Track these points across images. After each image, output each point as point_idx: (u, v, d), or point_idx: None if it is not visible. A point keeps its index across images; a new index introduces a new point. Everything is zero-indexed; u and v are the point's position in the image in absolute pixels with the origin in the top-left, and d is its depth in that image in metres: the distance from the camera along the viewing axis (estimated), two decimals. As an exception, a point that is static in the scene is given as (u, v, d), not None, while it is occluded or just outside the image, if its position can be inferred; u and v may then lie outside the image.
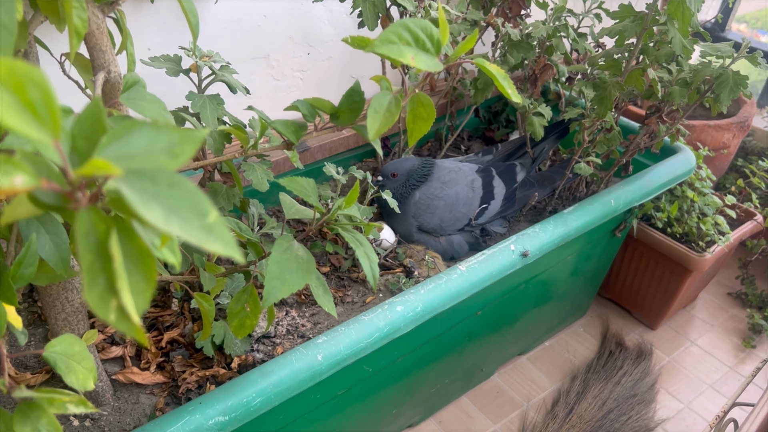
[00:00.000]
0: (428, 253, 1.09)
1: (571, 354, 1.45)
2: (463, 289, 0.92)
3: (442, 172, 1.09)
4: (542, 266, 1.13)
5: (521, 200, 1.13)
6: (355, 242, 0.58)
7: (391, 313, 0.86)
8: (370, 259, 0.58)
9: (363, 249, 0.58)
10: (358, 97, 0.58)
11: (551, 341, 1.49)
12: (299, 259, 0.57)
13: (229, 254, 0.30)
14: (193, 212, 0.30)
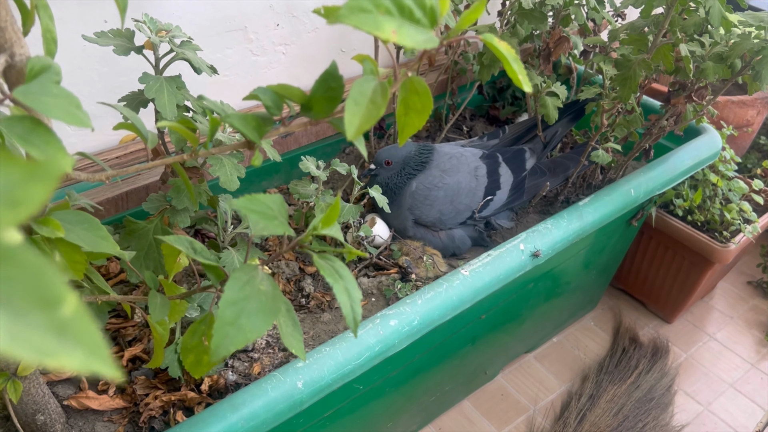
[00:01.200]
0: (426, 250, 0.99)
1: (581, 351, 1.37)
2: (467, 296, 0.83)
3: (442, 159, 1.00)
4: (553, 263, 1.05)
5: (531, 190, 1.03)
6: (332, 274, 0.46)
7: (384, 328, 0.76)
8: (351, 297, 0.46)
9: (343, 284, 0.46)
10: (335, 82, 0.45)
11: (559, 337, 1.41)
12: (262, 295, 0.45)
13: (95, 369, 0.19)
14: (35, 301, 0.18)
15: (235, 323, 0.44)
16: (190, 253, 0.51)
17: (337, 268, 0.47)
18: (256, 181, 1.10)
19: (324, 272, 0.46)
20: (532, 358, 1.35)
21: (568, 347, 1.37)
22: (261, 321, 0.44)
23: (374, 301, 0.92)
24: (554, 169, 1.04)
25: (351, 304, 0.46)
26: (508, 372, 1.31)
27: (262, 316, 0.44)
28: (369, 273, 0.97)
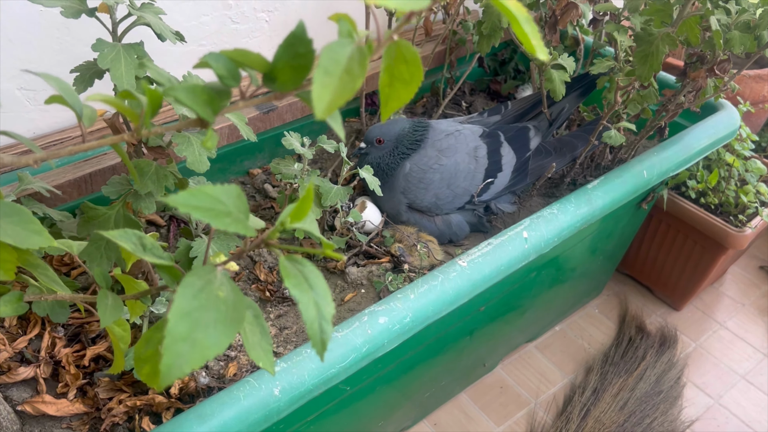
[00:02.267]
0: (421, 236, 0.94)
1: (585, 340, 1.31)
2: (464, 290, 0.77)
3: (439, 137, 0.95)
4: (558, 250, 0.99)
5: (535, 172, 0.98)
6: (300, 284, 0.38)
7: (372, 326, 0.69)
8: (321, 313, 0.39)
9: (311, 297, 0.38)
10: (303, 47, 0.37)
11: (562, 325, 1.35)
12: (221, 303, 0.38)
13: None
14: None
15: (189, 338, 0.37)
16: (137, 251, 0.44)
17: (307, 274, 0.40)
18: (236, 161, 1.03)
19: (289, 281, 0.38)
20: (533, 348, 1.29)
21: (572, 336, 1.32)
22: (221, 334, 0.37)
23: (364, 293, 0.87)
24: (561, 148, 0.98)
25: (319, 322, 0.38)
26: (508, 363, 1.26)
27: (222, 327, 0.37)
28: (359, 262, 0.92)
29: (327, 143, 0.84)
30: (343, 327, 0.69)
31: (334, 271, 0.90)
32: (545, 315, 1.24)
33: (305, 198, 0.41)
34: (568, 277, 1.16)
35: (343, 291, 0.88)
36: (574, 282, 1.22)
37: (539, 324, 1.26)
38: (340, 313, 0.84)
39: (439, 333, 0.89)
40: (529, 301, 1.09)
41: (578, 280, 1.23)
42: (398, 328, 0.71)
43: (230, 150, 1.01)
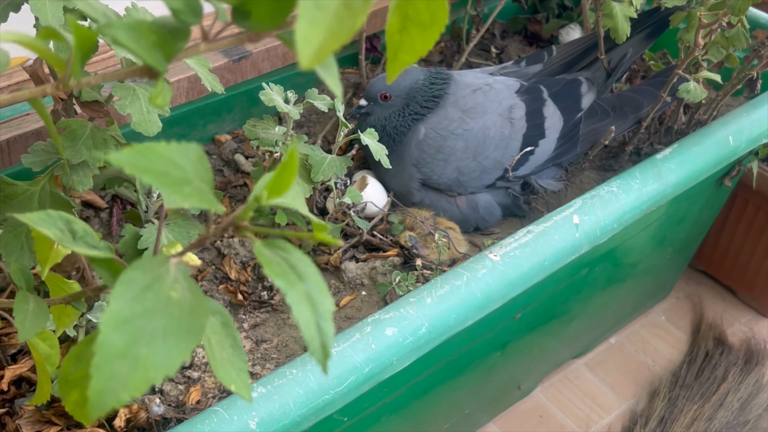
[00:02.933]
0: (439, 222, 0.93)
1: (648, 356, 1.31)
2: (496, 292, 0.76)
3: (463, 93, 0.94)
4: (616, 240, 0.97)
5: (588, 138, 0.96)
6: (285, 274, 0.37)
7: (377, 339, 0.69)
8: (317, 310, 0.37)
9: (303, 288, 0.37)
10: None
11: (619, 337, 1.35)
12: (174, 307, 0.36)
13: None
14: None
15: (127, 354, 0.35)
16: (64, 241, 0.41)
17: (294, 262, 0.38)
18: (198, 125, 1.02)
19: (271, 270, 0.36)
20: (582, 365, 1.29)
21: (631, 351, 1.32)
22: (172, 348, 0.35)
23: (365, 296, 0.86)
24: (621, 107, 0.97)
25: (317, 322, 0.37)
26: (550, 385, 1.25)
27: (174, 339, 0.35)
28: (358, 255, 0.91)
29: (318, 99, 0.82)
30: (339, 340, 0.67)
31: (326, 267, 0.89)
32: (598, 323, 1.24)
33: (287, 164, 0.39)
34: (627, 275, 1.16)
35: (338, 293, 0.87)
36: (636, 281, 1.21)
37: (590, 335, 1.26)
38: (335, 322, 0.81)
39: (462, 347, 0.88)
40: (577, 305, 1.09)
41: (640, 279, 1.22)
42: (411, 342, 0.70)
43: (190, 110, 1.00)
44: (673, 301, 1.41)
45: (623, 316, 1.32)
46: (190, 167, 0.36)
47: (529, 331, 1.01)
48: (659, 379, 1.25)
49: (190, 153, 0.36)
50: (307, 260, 0.39)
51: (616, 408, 1.23)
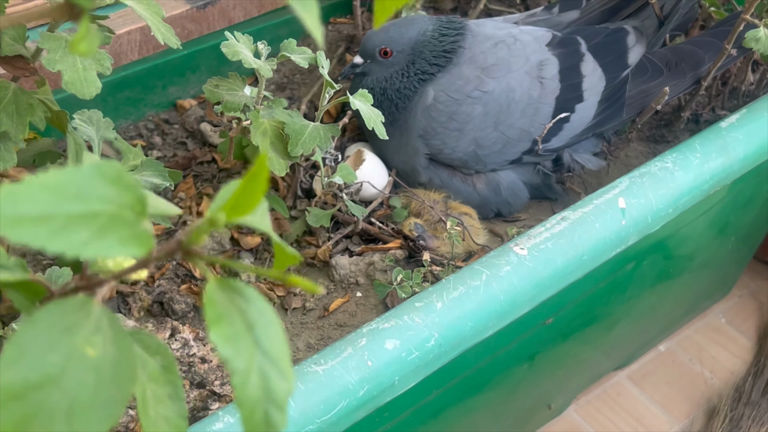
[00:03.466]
0: (451, 206, 0.93)
1: (705, 366, 1.29)
2: (523, 294, 0.76)
3: (481, 48, 0.93)
4: (670, 228, 0.96)
5: (636, 102, 0.96)
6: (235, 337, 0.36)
7: (375, 354, 0.68)
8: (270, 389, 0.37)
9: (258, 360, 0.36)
10: None
11: (670, 344, 1.33)
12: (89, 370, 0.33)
13: None
14: None
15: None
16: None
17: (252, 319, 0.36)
18: (155, 87, 1.01)
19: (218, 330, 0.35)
20: (624, 378, 1.28)
21: (684, 360, 1.30)
22: (87, 425, 0.31)
23: (360, 298, 0.86)
24: (677, 63, 0.97)
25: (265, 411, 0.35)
26: (586, 403, 1.24)
27: (85, 415, 0.32)
28: (352, 248, 0.91)
29: (296, 52, 0.80)
30: (327, 356, 0.66)
31: (313, 263, 0.89)
32: (645, 328, 1.23)
33: (256, 175, 0.35)
34: (681, 270, 1.15)
35: (327, 294, 0.87)
36: (691, 277, 1.20)
37: (635, 342, 1.25)
38: (323, 331, 0.83)
39: (481, 361, 0.87)
40: (621, 307, 1.08)
41: (697, 274, 1.21)
42: (417, 358, 0.69)
43: (145, 69, 0.99)
44: (735, 301, 1.40)
45: (675, 319, 1.31)
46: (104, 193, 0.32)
47: (562, 339, 1.00)
48: (719, 395, 1.25)
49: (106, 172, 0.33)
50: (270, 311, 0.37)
51: (667, 431, 1.22)
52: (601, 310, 1.04)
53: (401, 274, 0.82)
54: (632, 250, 0.91)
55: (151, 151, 0.97)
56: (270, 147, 0.76)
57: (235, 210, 0.36)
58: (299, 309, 0.84)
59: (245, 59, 0.75)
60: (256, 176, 0.35)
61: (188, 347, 0.79)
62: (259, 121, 0.77)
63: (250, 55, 0.77)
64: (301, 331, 0.82)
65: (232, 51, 0.75)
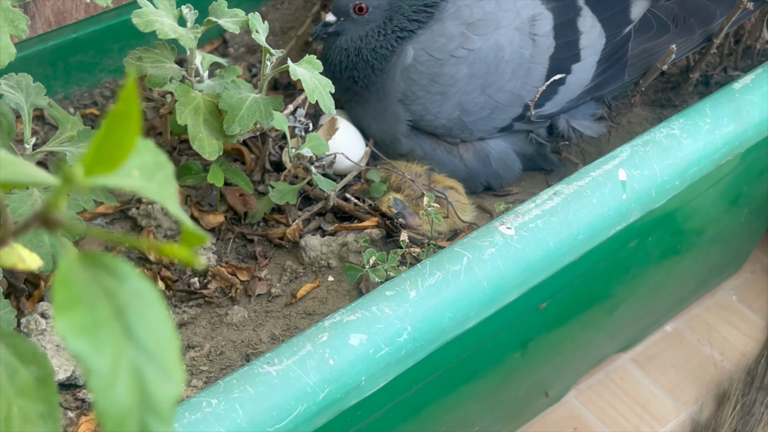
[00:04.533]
0: (435, 179, 0.92)
1: (715, 348, 1.25)
2: (510, 280, 0.74)
3: (466, 0, 0.93)
4: (677, 201, 0.94)
5: (639, 62, 0.94)
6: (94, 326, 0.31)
7: (338, 352, 0.65)
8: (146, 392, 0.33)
9: (130, 354, 0.32)
10: None
11: (677, 323, 1.29)
12: None
13: None
14: None
15: None
16: None
17: (124, 302, 0.31)
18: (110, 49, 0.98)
19: (66, 317, 0.30)
20: (628, 362, 1.24)
21: (693, 341, 1.27)
22: None
23: (332, 283, 0.83)
24: (685, 19, 0.95)
25: (142, 419, 0.30)
26: (587, 388, 1.21)
27: None
28: (325, 227, 0.89)
29: (226, 15, 0.76)
30: (282, 354, 0.63)
31: (281, 243, 0.86)
32: (650, 308, 1.21)
33: (119, 115, 0.29)
34: (690, 246, 1.13)
35: (295, 279, 0.84)
36: (700, 252, 1.18)
37: (639, 323, 1.23)
38: (290, 320, 0.80)
39: (467, 351, 0.85)
40: (623, 287, 1.06)
41: (706, 250, 1.19)
42: (387, 355, 0.66)
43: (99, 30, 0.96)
44: (747, 277, 1.36)
45: (683, 298, 1.28)
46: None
47: (559, 324, 0.98)
48: (729, 379, 1.21)
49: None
50: (152, 297, 0.32)
51: (674, 417, 1.18)
52: (602, 292, 1.02)
53: (374, 256, 0.79)
54: (635, 226, 0.89)
55: None
56: (203, 126, 0.71)
57: (97, 165, 0.30)
58: (264, 295, 0.81)
59: (161, 29, 0.71)
60: (121, 118, 0.30)
61: None
62: (189, 96, 0.73)
63: (171, 22, 0.74)
64: (265, 321, 0.79)
65: (145, 21, 0.71)
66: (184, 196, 0.86)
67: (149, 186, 0.35)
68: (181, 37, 0.74)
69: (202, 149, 0.73)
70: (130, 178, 0.33)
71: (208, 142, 0.74)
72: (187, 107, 0.74)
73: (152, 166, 0.36)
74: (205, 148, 0.74)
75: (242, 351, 0.76)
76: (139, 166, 0.35)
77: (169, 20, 0.74)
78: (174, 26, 0.74)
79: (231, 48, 1.03)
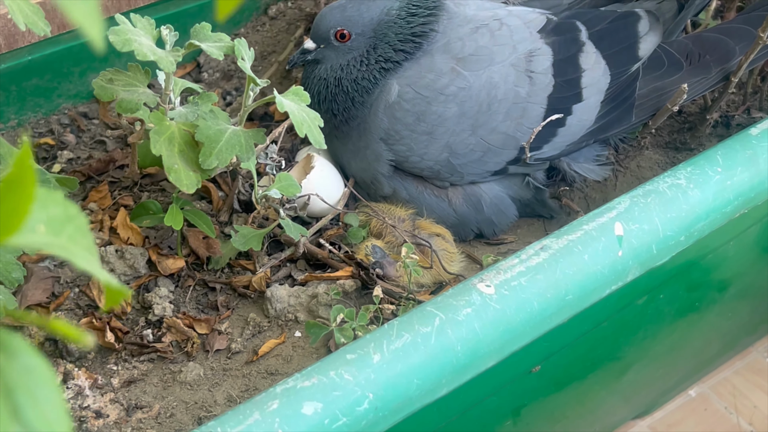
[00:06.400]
0: (420, 225, 0.91)
1: (743, 416, 1.24)
2: (488, 345, 0.72)
3: (458, 32, 0.93)
4: (693, 253, 0.93)
5: (649, 102, 0.94)
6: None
7: (289, 422, 0.64)
8: None
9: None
10: None
11: (702, 388, 1.27)
12: None
13: None
14: None
15: None
16: None
17: (11, 376, 0.32)
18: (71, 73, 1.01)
19: None
20: (646, 429, 1.23)
21: (719, 408, 1.26)
22: None
23: (298, 339, 0.83)
24: (701, 56, 0.95)
25: None
26: None
27: None
28: (296, 275, 0.89)
29: (209, 39, 0.76)
30: (226, 423, 0.62)
31: (245, 293, 0.86)
32: (668, 371, 1.19)
33: (13, 181, 0.30)
34: (710, 302, 1.11)
35: (258, 333, 0.84)
36: (724, 309, 1.16)
37: (656, 387, 1.21)
38: (250, 379, 0.80)
39: (447, 419, 0.84)
40: (633, 348, 1.05)
41: (731, 306, 1.17)
42: (344, 426, 0.65)
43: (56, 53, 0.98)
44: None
45: (707, 359, 1.27)
46: None
47: (557, 388, 0.97)
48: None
49: None
50: (45, 375, 0.33)
51: None
52: (607, 353, 1.01)
53: (342, 313, 0.78)
54: (641, 282, 0.87)
55: (61, 152, 0.94)
56: (178, 156, 0.71)
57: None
58: (223, 351, 0.81)
59: (139, 50, 0.70)
60: (15, 184, 0.31)
61: (82, 397, 0.78)
62: (164, 125, 0.73)
63: (149, 43, 0.73)
64: (222, 380, 0.78)
65: (122, 40, 0.71)
66: (141, 238, 0.86)
67: (56, 241, 0.35)
68: (160, 59, 0.73)
69: (179, 182, 0.73)
70: (35, 234, 0.34)
71: (185, 174, 0.74)
72: (161, 136, 0.74)
73: (61, 220, 0.36)
74: (183, 181, 0.73)
75: (195, 413, 0.76)
76: (45, 220, 0.36)
77: (148, 41, 0.74)
78: (152, 47, 0.74)
79: (205, 73, 1.04)
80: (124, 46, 0.71)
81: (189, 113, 0.78)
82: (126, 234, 0.86)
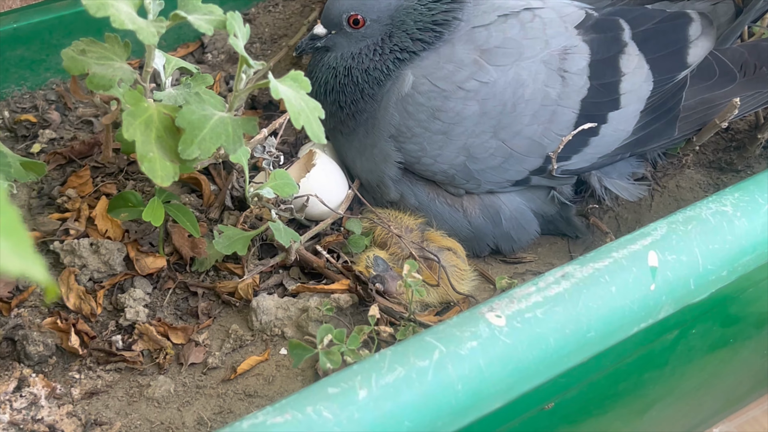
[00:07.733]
0: (430, 237, 0.89)
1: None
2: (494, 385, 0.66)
3: (484, 20, 0.90)
4: (729, 289, 0.86)
5: (695, 115, 0.91)
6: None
7: None
8: None
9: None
10: None
11: (729, 426, 1.25)
12: None
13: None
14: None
15: None
16: None
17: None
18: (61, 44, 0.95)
19: None
20: None
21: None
22: None
23: (284, 357, 0.79)
24: (756, 66, 0.92)
25: None
26: None
27: None
28: (288, 283, 0.84)
29: (197, 11, 0.69)
30: None
31: (230, 300, 0.81)
32: (694, 409, 1.17)
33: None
34: (745, 338, 1.07)
35: (240, 348, 0.79)
36: (759, 345, 1.13)
37: (681, 425, 1.19)
38: (225, 401, 0.75)
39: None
40: (658, 386, 1.00)
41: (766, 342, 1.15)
42: None
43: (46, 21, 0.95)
44: None
45: (736, 397, 1.24)
46: None
47: (571, 428, 0.93)
48: None
49: None
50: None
51: None
52: (629, 390, 0.96)
53: (331, 334, 0.71)
54: (674, 316, 0.81)
55: (43, 131, 0.89)
56: (155, 143, 0.63)
57: None
58: (199, 365, 0.76)
59: (116, 16, 0.63)
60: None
61: (36, 408, 0.73)
62: (140, 106, 0.65)
63: (129, 10, 0.65)
64: (194, 398, 0.73)
65: (97, 4, 0.63)
66: (121, 231, 0.81)
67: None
68: (140, 29, 0.66)
69: (152, 172, 0.66)
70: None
71: (161, 165, 0.67)
72: (136, 119, 0.67)
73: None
74: (157, 172, 0.66)
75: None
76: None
77: (127, 7, 0.68)
78: (132, 15, 0.68)
79: (209, 54, 0.99)
80: (99, 11, 0.63)
81: (179, 96, 0.71)
82: (104, 226, 0.80)
